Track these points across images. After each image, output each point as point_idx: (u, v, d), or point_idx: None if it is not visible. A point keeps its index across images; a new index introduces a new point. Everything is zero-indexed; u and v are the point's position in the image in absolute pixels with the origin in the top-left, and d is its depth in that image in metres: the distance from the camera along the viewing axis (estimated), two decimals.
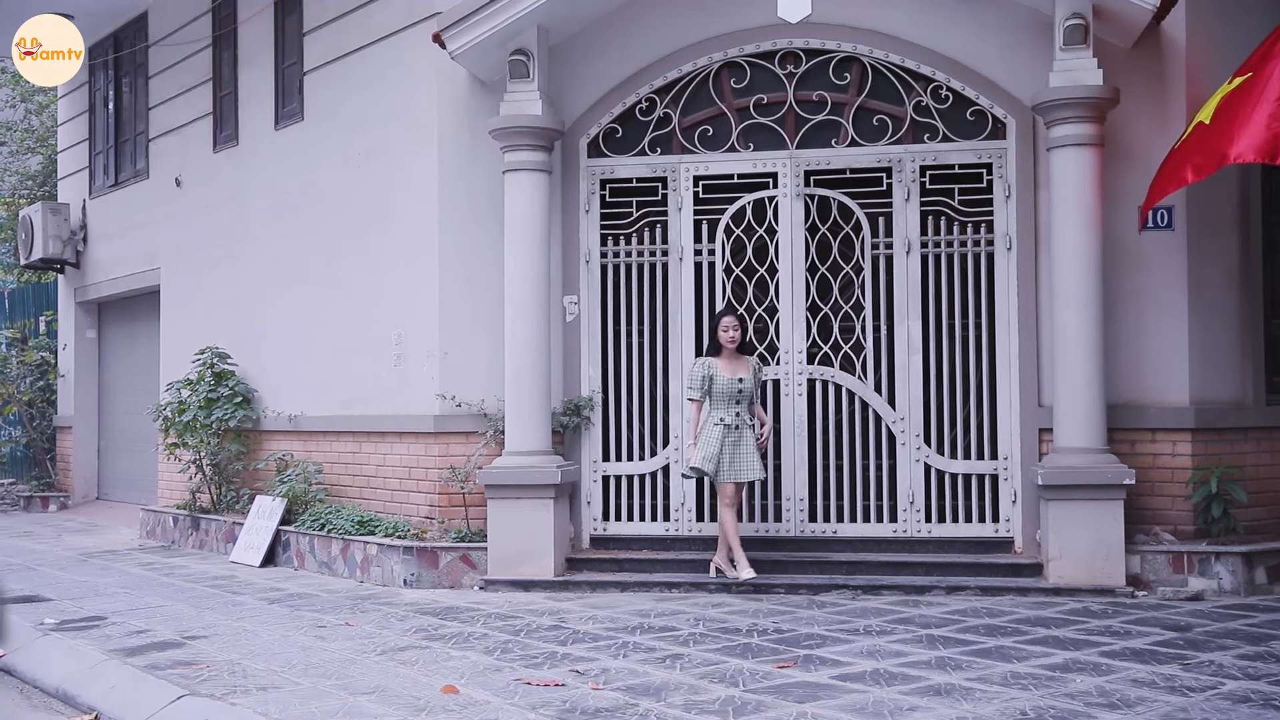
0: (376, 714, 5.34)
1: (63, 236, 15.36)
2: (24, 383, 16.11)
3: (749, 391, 8.27)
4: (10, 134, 20.03)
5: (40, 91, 19.30)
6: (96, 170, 15.31)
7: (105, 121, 15.15)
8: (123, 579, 9.59)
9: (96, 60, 15.11)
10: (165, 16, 13.41)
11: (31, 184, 19.85)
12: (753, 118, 8.96)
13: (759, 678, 5.85)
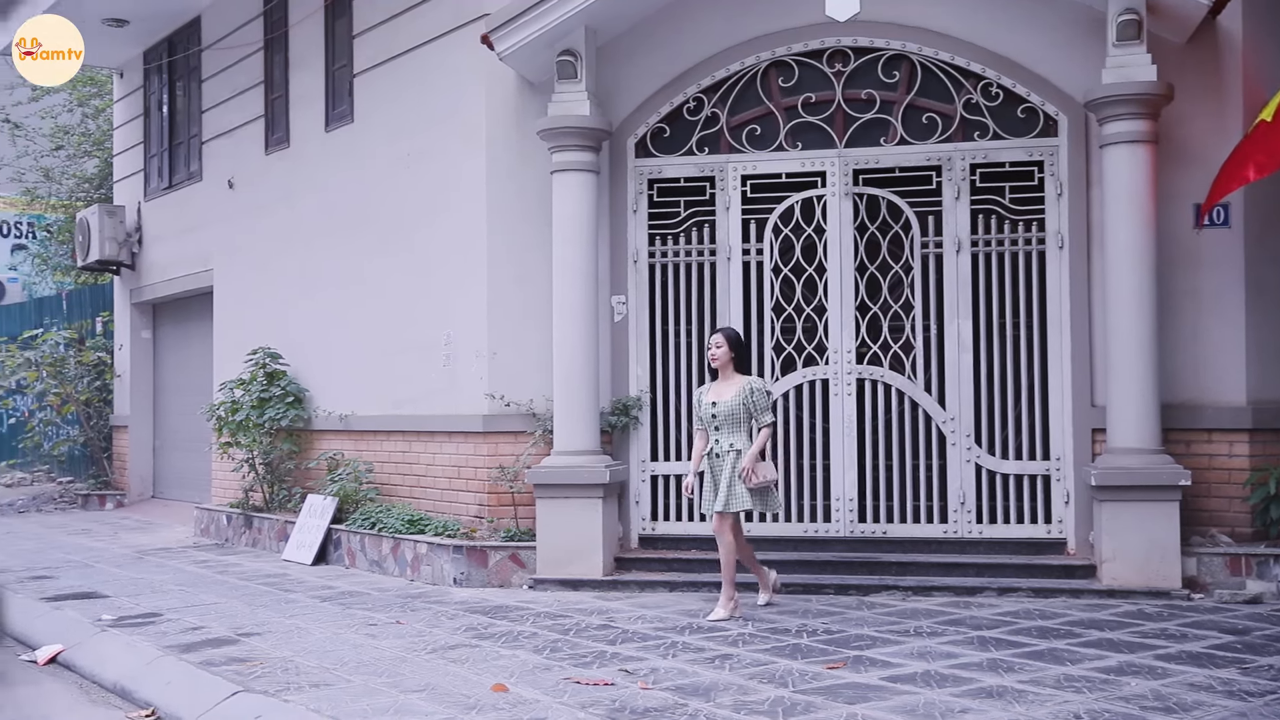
0: (427, 712, 5.37)
1: (118, 238, 15.58)
2: (82, 383, 16.33)
3: (726, 417, 7.50)
4: (68, 138, 20.33)
5: (97, 95, 19.58)
6: (151, 173, 15.51)
7: (160, 125, 15.36)
8: (178, 576, 9.72)
9: (151, 65, 15.33)
10: (218, 21, 13.57)
11: (88, 187, 20.14)
12: (801, 117, 8.93)
13: (808, 678, 5.83)
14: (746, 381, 7.59)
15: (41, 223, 22.84)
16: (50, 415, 16.46)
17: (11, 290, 23.79)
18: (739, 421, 7.53)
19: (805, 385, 8.86)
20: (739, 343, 7.73)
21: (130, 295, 15.95)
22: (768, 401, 7.63)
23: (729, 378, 7.64)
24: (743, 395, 7.54)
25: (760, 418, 7.54)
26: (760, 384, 7.65)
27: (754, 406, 7.53)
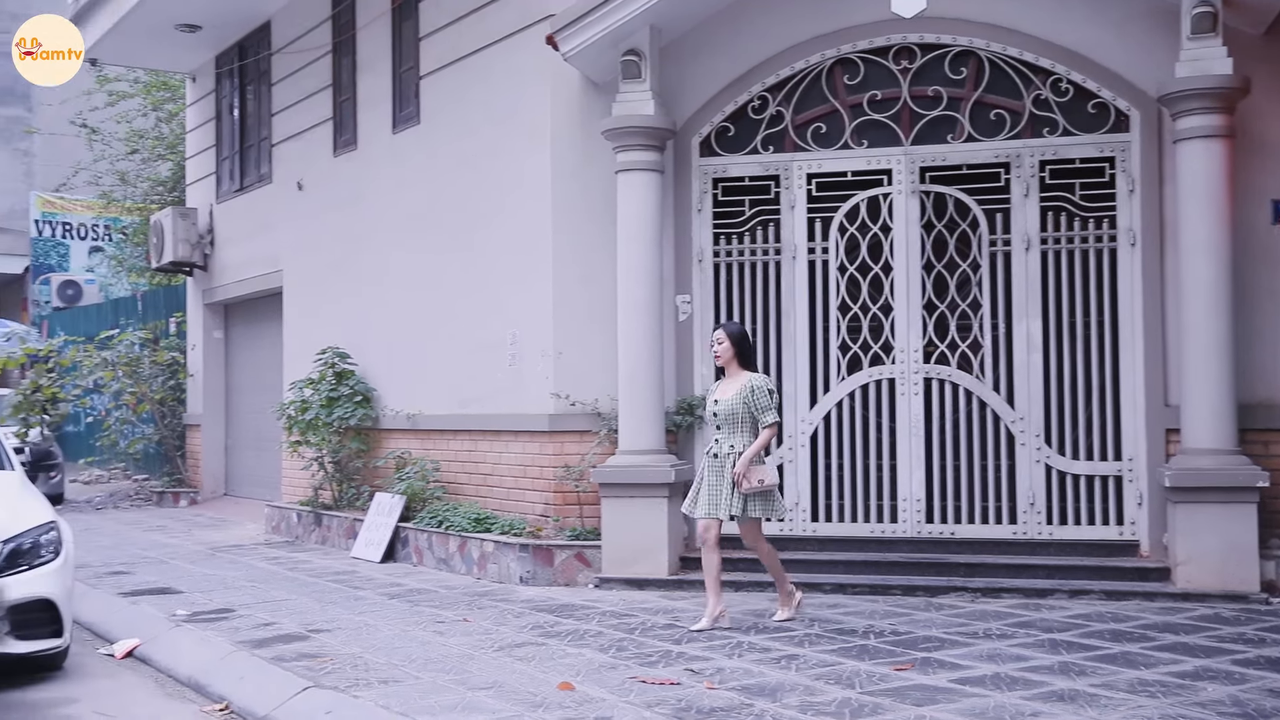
0: (494, 709, 5.41)
1: (191, 240, 15.85)
2: (156, 382, 16.62)
3: (727, 416, 7.17)
4: (142, 142, 20.72)
5: (171, 100, 19.93)
6: (223, 176, 15.77)
7: (231, 128, 15.61)
8: (249, 573, 9.86)
9: (223, 69, 15.58)
10: (288, 25, 13.76)
11: (162, 190, 20.51)
12: (866, 114, 8.87)
13: (875, 680, 5.79)
14: (748, 379, 7.21)
15: (117, 225, 23.30)
16: (126, 414, 16.75)
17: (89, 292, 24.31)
18: (740, 421, 7.16)
19: (871, 385, 8.80)
20: (743, 339, 7.41)
21: (203, 296, 16.22)
22: (770, 401, 7.18)
23: (733, 375, 7.31)
24: (744, 394, 7.17)
25: (762, 417, 7.13)
26: (763, 382, 7.24)
27: (755, 406, 7.14)
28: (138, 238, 20.98)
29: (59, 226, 24.75)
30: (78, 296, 24.29)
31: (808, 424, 8.88)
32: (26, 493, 7.21)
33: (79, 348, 16.83)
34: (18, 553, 6.38)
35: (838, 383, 8.85)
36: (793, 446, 8.89)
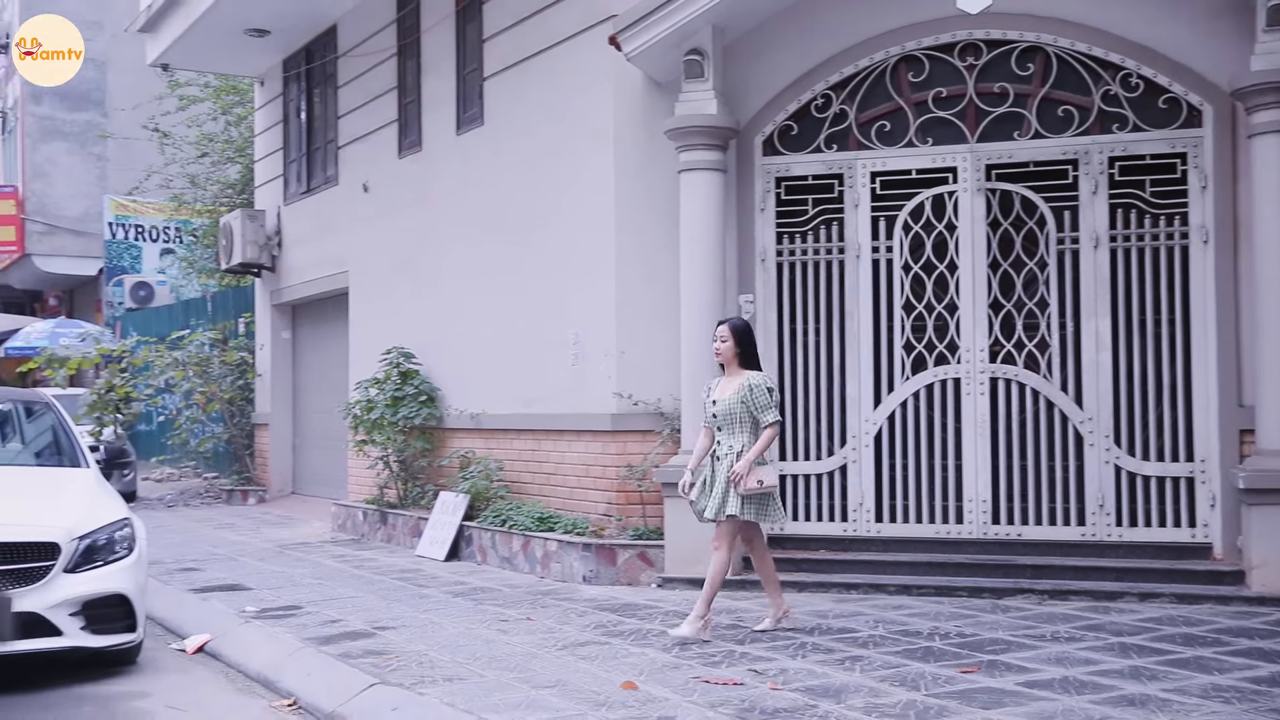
0: (558, 707, 5.43)
1: (259, 242, 16.08)
2: (225, 381, 16.88)
3: (725, 416, 6.93)
4: (212, 145, 21.05)
5: (239, 104, 20.24)
6: (290, 178, 15.98)
7: (298, 131, 15.81)
8: (316, 570, 9.99)
9: (290, 73, 15.79)
10: (353, 28, 13.91)
11: (231, 192, 20.83)
12: (931, 112, 8.79)
13: (941, 682, 5.74)
14: (747, 378, 6.94)
15: (188, 228, 23.68)
16: (196, 413, 17.03)
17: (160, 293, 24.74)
18: (739, 421, 6.90)
19: (936, 384, 8.72)
20: (746, 335, 7.09)
21: (270, 297, 16.45)
22: (770, 399, 6.90)
23: (734, 373, 7.04)
24: (742, 393, 6.89)
25: (762, 417, 6.87)
26: (762, 380, 6.95)
27: (754, 405, 6.87)
28: (207, 240, 21.31)
29: (131, 229, 25.20)
30: (150, 298, 24.72)
31: (871, 424, 8.83)
32: (101, 490, 7.30)
33: (151, 348, 17.13)
34: (93, 549, 6.46)
35: (902, 382, 8.78)
36: (856, 447, 8.83)
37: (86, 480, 7.39)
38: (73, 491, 7.12)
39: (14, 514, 6.50)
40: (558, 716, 5.30)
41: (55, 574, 6.25)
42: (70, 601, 6.27)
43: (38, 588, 6.18)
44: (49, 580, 6.22)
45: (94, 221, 25.72)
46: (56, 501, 6.86)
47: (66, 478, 7.43)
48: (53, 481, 7.38)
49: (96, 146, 26.42)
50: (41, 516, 6.50)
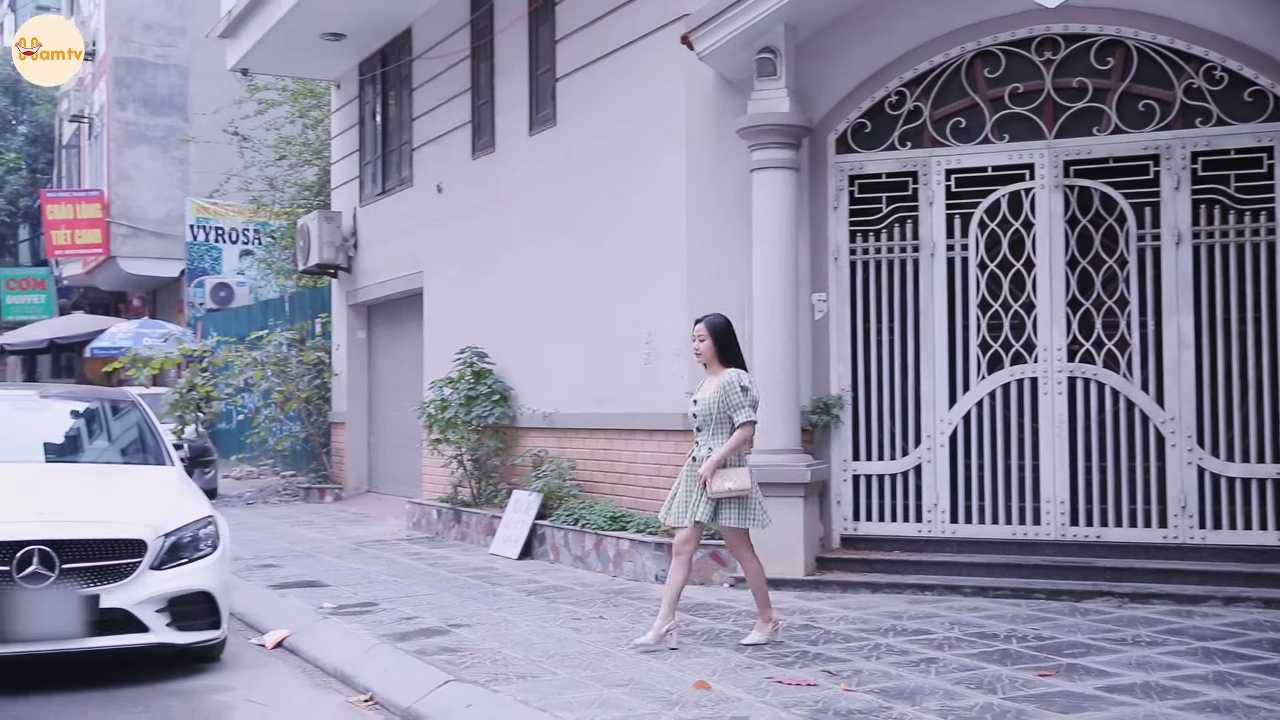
0: (631, 706, 5.44)
1: (335, 243, 16.29)
2: (302, 381, 17.12)
3: (706, 417, 6.63)
4: (290, 148, 21.36)
5: (316, 107, 20.52)
6: (366, 180, 16.18)
7: (373, 133, 16.00)
8: (391, 567, 10.10)
9: (366, 75, 15.99)
10: (428, 31, 14.05)
11: (308, 194, 21.13)
12: (1008, 108, 8.67)
13: (1018, 685, 5.66)
14: (725, 376, 6.64)
15: (266, 229, 24.05)
16: (274, 412, 17.29)
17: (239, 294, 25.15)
18: (719, 422, 6.60)
19: (1012, 384, 8.61)
20: (724, 332, 6.76)
21: (346, 297, 16.66)
22: (745, 398, 6.56)
23: (716, 372, 6.73)
24: (719, 392, 6.60)
25: (735, 416, 6.53)
26: (737, 377, 6.62)
27: (728, 404, 6.56)
28: (285, 241, 21.62)
29: (212, 231, 25.64)
30: (229, 298, 25.13)
31: (946, 424, 8.73)
32: (186, 488, 7.36)
33: (230, 348, 17.43)
34: (178, 546, 6.49)
35: (978, 382, 8.68)
36: (931, 447, 8.75)
37: (171, 478, 7.46)
38: (158, 489, 7.18)
39: (101, 511, 6.56)
40: (630, 715, 5.31)
41: (141, 571, 6.29)
42: (156, 598, 6.30)
43: (124, 584, 6.21)
44: (135, 577, 6.26)
45: (176, 224, 26.22)
46: (142, 499, 6.89)
47: (152, 475, 7.50)
48: (138, 479, 7.43)
49: (178, 150, 26.94)
50: (128, 514, 6.54)
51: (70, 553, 6.13)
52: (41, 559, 6.03)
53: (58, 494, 6.84)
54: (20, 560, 6.00)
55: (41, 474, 7.34)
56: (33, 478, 7.14)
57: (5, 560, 5.99)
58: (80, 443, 8.18)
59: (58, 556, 6.07)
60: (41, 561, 6.03)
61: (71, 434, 8.22)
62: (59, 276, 31.50)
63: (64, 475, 7.44)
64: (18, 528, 6.13)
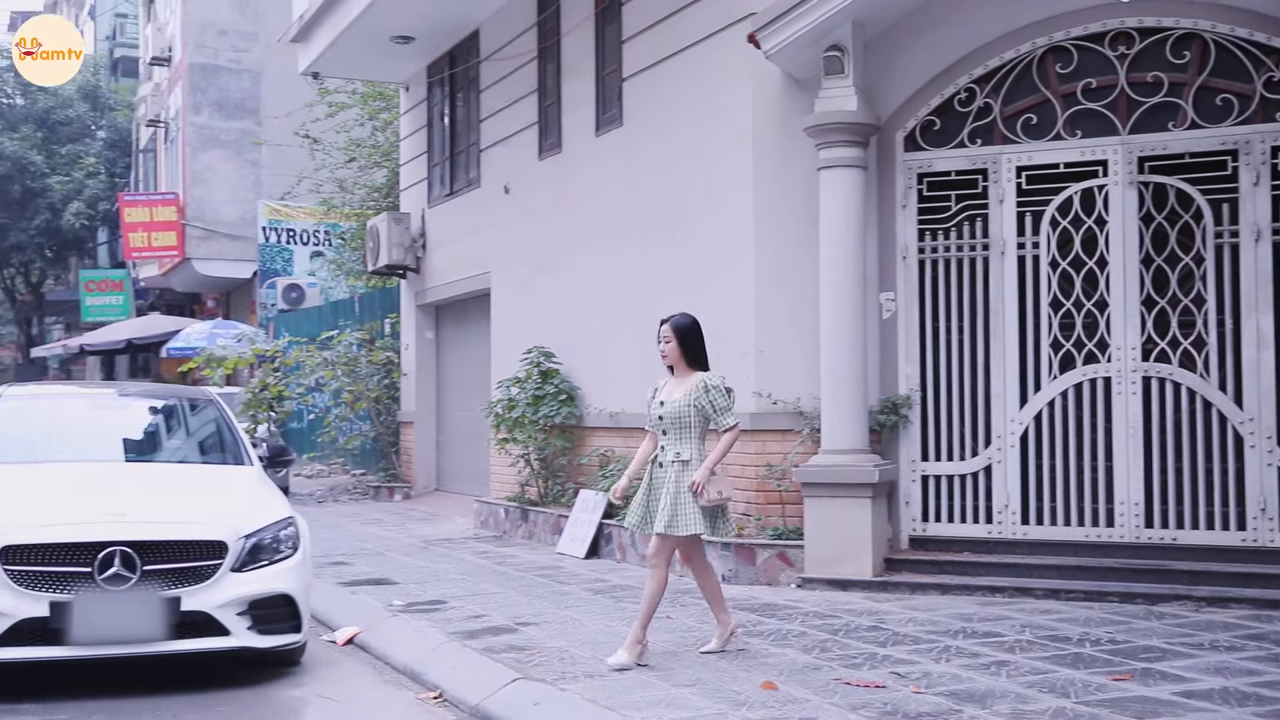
0: (698, 706, 5.44)
1: (404, 244, 16.44)
2: (372, 381, 17.31)
3: (673, 420, 6.35)
4: (359, 150, 21.61)
5: (385, 109, 20.74)
6: (434, 181, 16.32)
7: (441, 135, 16.13)
8: (459, 566, 10.17)
9: (434, 78, 16.13)
10: (495, 33, 14.14)
11: (378, 196, 21.36)
12: (1080, 103, 8.54)
13: (1092, 689, 5.58)
14: (700, 379, 6.37)
15: (336, 231, 24.34)
16: (344, 411, 17.48)
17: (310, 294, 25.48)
18: (688, 426, 6.32)
19: (1085, 383, 8.48)
20: (691, 334, 6.52)
21: (415, 297, 16.81)
22: (729, 400, 6.36)
23: (684, 374, 6.47)
24: (693, 395, 6.31)
25: (721, 420, 6.29)
26: (717, 380, 6.39)
27: (712, 407, 6.31)
28: (355, 242, 21.87)
29: (284, 233, 26.01)
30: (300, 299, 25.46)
31: (1017, 424, 8.62)
32: (265, 488, 7.25)
33: (302, 348, 17.65)
34: (258, 548, 6.38)
35: (1049, 381, 8.56)
36: (1001, 447, 8.64)
37: (251, 478, 7.35)
38: (238, 489, 7.09)
39: (181, 512, 6.49)
40: (698, 715, 5.31)
41: (222, 573, 6.18)
42: (237, 601, 6.19)
43: (205, 587, 6.12)
44: (216, 579, 6.15)
45: (249, 226, 26.63)
46: (222, 499, 6.80)
47: (231, 475, 7.41)
48: (218, 479, 7.34)
49: (251, 153, 27.36)
50: (209, 515, 6.46)
51: (151, 554, 6.05)
52: (123, 560, 5.96)
53: (138, 494, 6.75)
54: (102, 561, 5.93)
55: (121, 473, 7.28)
56: (113, 477, 7.10)
57: (86, 561, 5.94)
58: (160, 441, 8.16)
59: (139, 558, 6.00)
60: (123, 563, 5.96)
61: (151, 433, 8.20)
62: (136, 278, 32.14)
63: (144, 475, 7.37)
64: (99, 528, 6.07)
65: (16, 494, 6.54)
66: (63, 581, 5.90)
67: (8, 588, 5.84)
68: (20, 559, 5.89)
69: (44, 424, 7.79)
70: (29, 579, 5.87)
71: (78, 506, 6.36)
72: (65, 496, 6.55)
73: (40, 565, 5.90)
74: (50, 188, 35.28)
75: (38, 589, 5.86)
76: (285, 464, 8.41)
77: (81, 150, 36.35)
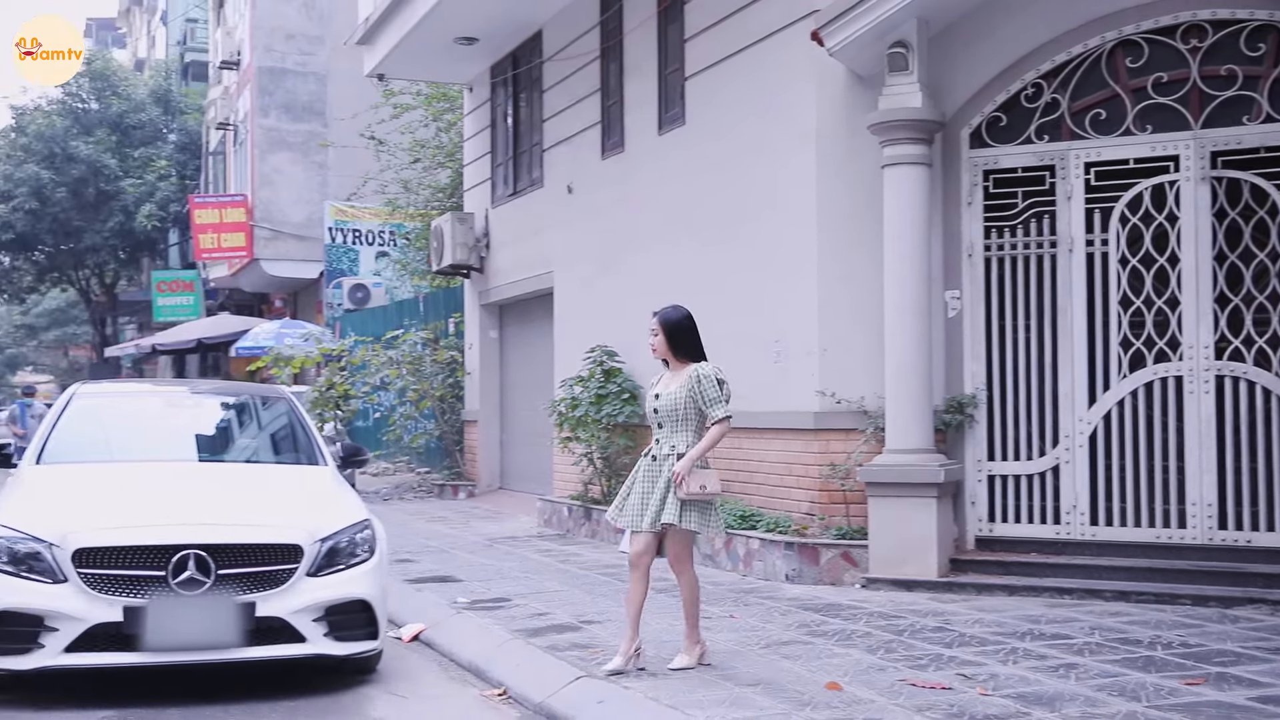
0: (762, 705, 5.42)
1: (468, 244, 16.56)
2: (436, 380, 17.44)
3: (669, 413, 6.22)
4: (423, 151, 21.79)
5: (449, 110, 20.90)
6: (497, 181, 16.42)
7: (505, 135, 16.23)
8: (523, 564, 10.23)
9: (497, 78, 16.23)
10: (558, 33, 14.20)
11: (442, 196, 21.52)
12: (1151, 98, 8.40)
13: (1164, 694, 5.49)
14: (694, 369, 6.21)
15: (401, 231, 24.55)
16: (409, 410, 17.63)
17: (376, 294, 25.73)
18: (685, 419, 6.19)
19: (1156, 383, 8.35)
20: (679, 328, 6.34)
21: (479, 297, 16.92)
22: (721, 392, 6.15)
23: (678, 367, 6.32)
24: (689, 386, 6.16)
25: (711, 411, 6.11)
26: (710, 370, 6.19)
27: (703, 398, 6.13)
28: (420, 243, 22.04)
29: (349, 233, 26.28)
30: (366, 299, 25.71)
31: (1086, 423, 8.50)
32: (341, 489, 7.06)
33: (367, 347, 17.80)
34: (335, 551, 6.20)
35: (1118, 380, 8.43)
36: (1070, 447, 8.52)
37: (325, 479, 7.16)
38: (313, 490, 6.92)
39: (256, 514, 6.32)
40: (761, 715, 5.29)
41: (298, 578, 6.01)
42: (313, 607, 6.01)
43: (280, 592, 5.95)
44: (291, 584, 5.99)
45: (315, 227, 26.95)
46: (298, 501, 6.65)
47: (305, 476, 7.24)
48: (292, 480, 7.18)
49: (318, 155, 27.67)
50: (284, 517, 6.28)
51: (226, 558, 5.89)
52: (198, 564, 5.81)
53: (213, 495, 6.61)
54: (176, 565, 5.79)
55: (195, 473, 7.16)
56: (187, 477, 6.98)
57: (160, 564, 5.80)
58: (233, 441, 8.05)
59: (214, 562, 5.84)
60: (198, 567, 5.81)
61: (224, 431, 8.10)
62: (206, 279, 32.65)
63: (218, 475, 7.23)
64: (174, 531, 5.93)
65: (90, 495, 6.47)
66: (136, 585, 5.79)
67: (81, 592, 5.74)
68: (94, 562, 5.79)
69: (117, 423, 7.68)
70: (102, 582, 5.77)
71: (152, 508, 6.25)
72: (139, 498, 6.43)
73: (114, 568, 5.79)
74: (123, 190, 35.96)
75: (111, 593, 5.76)
76: (359, 464, 8.20)
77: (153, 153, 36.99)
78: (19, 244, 38.57)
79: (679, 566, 6.25)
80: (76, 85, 37.58)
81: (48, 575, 5.80)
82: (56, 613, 5.72)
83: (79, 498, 6.42)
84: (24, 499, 6.53)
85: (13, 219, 36.45)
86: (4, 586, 5.80)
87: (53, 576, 5.79)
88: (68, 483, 6.71)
